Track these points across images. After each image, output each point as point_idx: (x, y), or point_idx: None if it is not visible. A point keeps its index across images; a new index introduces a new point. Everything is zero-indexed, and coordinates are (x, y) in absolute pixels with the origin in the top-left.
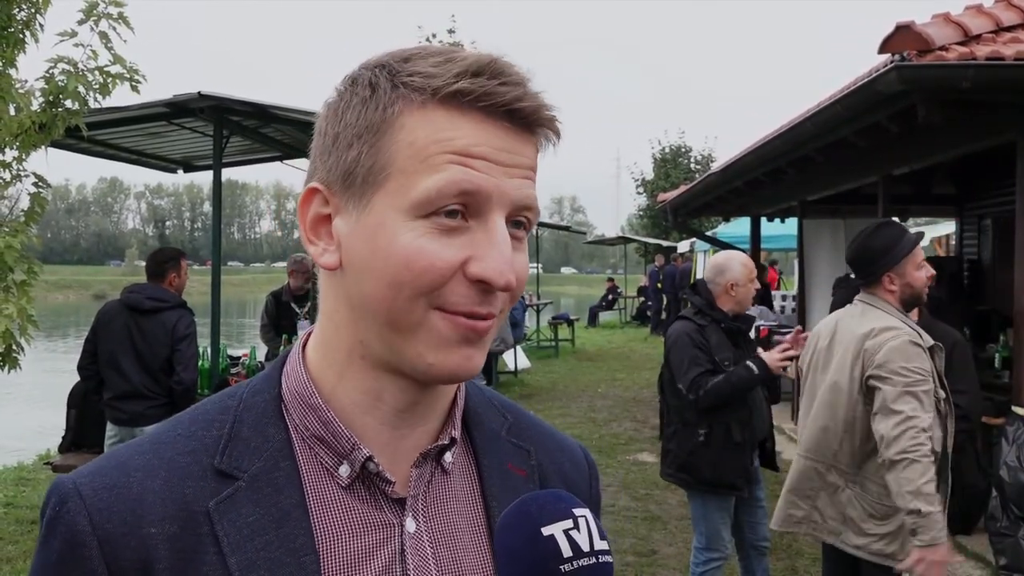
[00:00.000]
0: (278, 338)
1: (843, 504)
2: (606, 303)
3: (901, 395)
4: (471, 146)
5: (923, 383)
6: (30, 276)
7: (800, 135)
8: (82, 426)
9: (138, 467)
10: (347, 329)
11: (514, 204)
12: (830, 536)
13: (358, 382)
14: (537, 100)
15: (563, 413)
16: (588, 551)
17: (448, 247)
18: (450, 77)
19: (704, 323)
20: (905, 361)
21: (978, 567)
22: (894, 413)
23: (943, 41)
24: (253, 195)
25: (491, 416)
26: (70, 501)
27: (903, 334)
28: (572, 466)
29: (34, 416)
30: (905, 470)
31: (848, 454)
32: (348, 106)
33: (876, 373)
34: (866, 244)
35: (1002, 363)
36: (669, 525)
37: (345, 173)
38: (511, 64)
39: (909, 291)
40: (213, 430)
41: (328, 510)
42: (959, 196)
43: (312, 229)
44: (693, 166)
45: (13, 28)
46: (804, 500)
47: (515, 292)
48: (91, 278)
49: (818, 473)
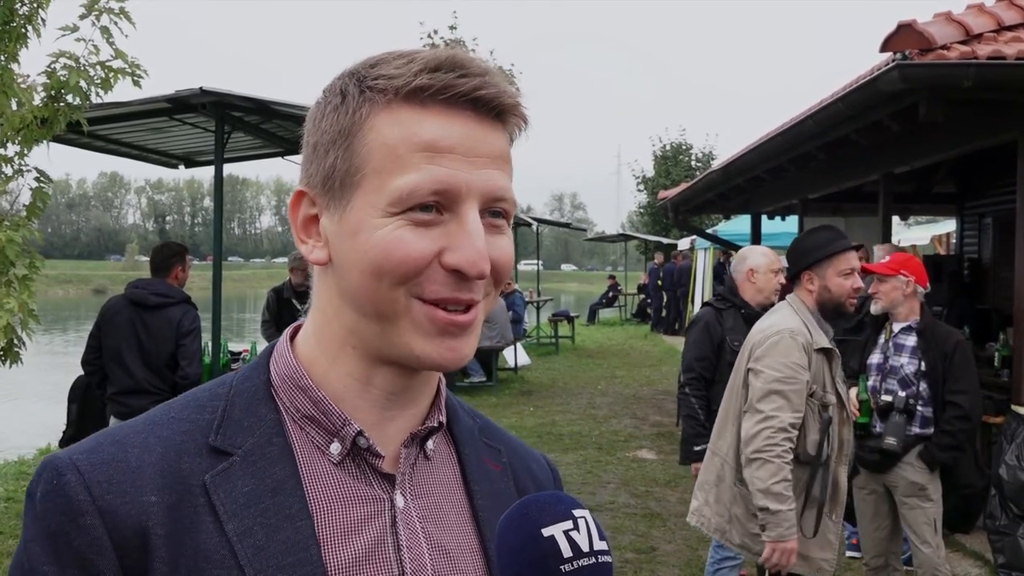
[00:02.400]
0: (279, 334)
1: (730, 501)
2: (606, 300)
3: (767, 393)
4: (438, 139)
5: (793, 381)
6: (31, 271)
7: (802, 133)
8: (83, 421)
9: (135, 443)
10: (338, 320)
11: (485, 195)
12: (715, 533)
13: (350, 368)
14: (498, 88)
15: (563, 410)
16: (588, 551)
17: (423, 238)
18: (410, 75)
19: (724, 307)
20: (782, 356)
21: (976, 565)
22: (756, 412)
23: (944, 40)
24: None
25: (463, 415)
26: (68, 474)
27: (788, 331)
28: (539, 468)
29: (35, 411)
30: (758, 469)
31: (734, 451)
32: (323, 115)
33: (752, 367)
34: (796, 242)
35: (1002, 362)
36: (669, 522)
37: (325, 178)
38: (471, 58)
39: (827, 295)
40: (206, 413)
41: (321, 483)
42: (960, 194)
43: (303, 229)
44: (694, 163)
45: (15, 23)
46: (700, 491)
47: (498, 276)
48: (91, 273)
49: (715, 466)
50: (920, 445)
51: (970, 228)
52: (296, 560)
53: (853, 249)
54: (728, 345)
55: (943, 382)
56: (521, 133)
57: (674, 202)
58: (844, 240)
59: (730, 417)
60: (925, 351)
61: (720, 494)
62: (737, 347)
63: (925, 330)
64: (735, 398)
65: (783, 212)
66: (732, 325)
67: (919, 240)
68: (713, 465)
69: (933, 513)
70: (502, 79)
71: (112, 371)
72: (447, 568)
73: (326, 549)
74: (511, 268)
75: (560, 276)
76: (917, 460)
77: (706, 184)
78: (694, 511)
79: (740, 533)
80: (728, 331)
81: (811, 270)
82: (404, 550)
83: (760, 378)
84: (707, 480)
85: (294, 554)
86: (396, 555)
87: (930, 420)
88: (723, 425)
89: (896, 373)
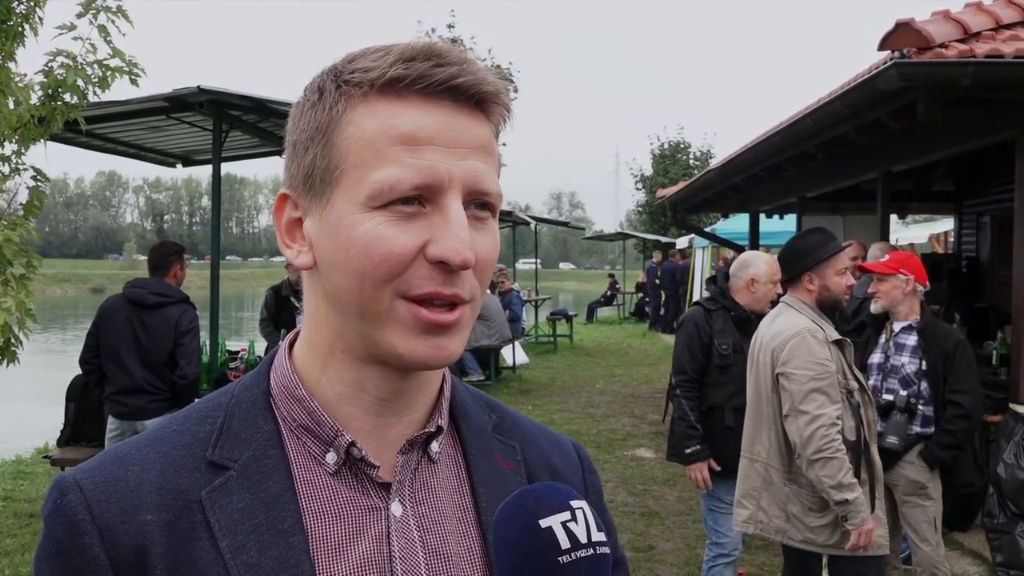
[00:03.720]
0: (277, 332)
1: (784, 501)
2: (605, 299)
3: (806, 394)
4: (416, 130)
5: (827, 376)
6: (29, 270)
7: (800, 131)
8: (81, 419)
9: (135, 461)
10: (327, 325)
11: (468, 186)
12: (777, 535)
13: (341, 374)
14: (476, 75)
15: (561, 408)
16: (586, 542)
17: (406, 232)
18: (385, 66)
19: (714, 308)
20: (808, 355)
21: (975, 563)
22: (801, 414)
23: (943, 38)
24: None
25: (477, 412)
26: (70, 494)
27: (804, 330)
28: (562, 461)
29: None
30: (824, 468)
31: (777, 453)
32: (302, 113)
33: (782, 371)
34: (793, 245)
35: (1000, 360)
36: (667, 521)
37: (305, 176)
38: (449, 48)
39: (827, 294)
40: (206, 425)
41: (316, 495)
42: (958, 193)
43: (287, 233)
44: (692, 162)
45: (12, 21)
46: (748, 500)
47: (482, 272)
48: (89, 272)
49: (758, 472)
50: (921, 444)
51: (968, 226)
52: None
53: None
54: (716, 347)
55: (944, 381)
56: (506, 124)
57: (672, 201)
58: (837, 241)
59: (763, 422)
60: (926, 350)
61: (772, 497)
62: (725, 349)
63: (926, 329)
64: (765, 403)
65: (781, 211)
66: (721, 327)
67: (917, 239)
68: (755, 472)
69: (933, 511)
70: (482, 69)
71: (110, 370)
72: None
73: (319, 564)
74: (495, 263)
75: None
76: (918, 459)
77: (704, 183)
78: (747, 520)
79: (800, 530)
80: (717, 333)
81: (812, 271)
82: (397, 561)
83: (794, 381)
84: (752, 487)
85: (286, 570)
86: (390, 566)
87: (931, 419)
88: (756, 431)
89: (897, 372)
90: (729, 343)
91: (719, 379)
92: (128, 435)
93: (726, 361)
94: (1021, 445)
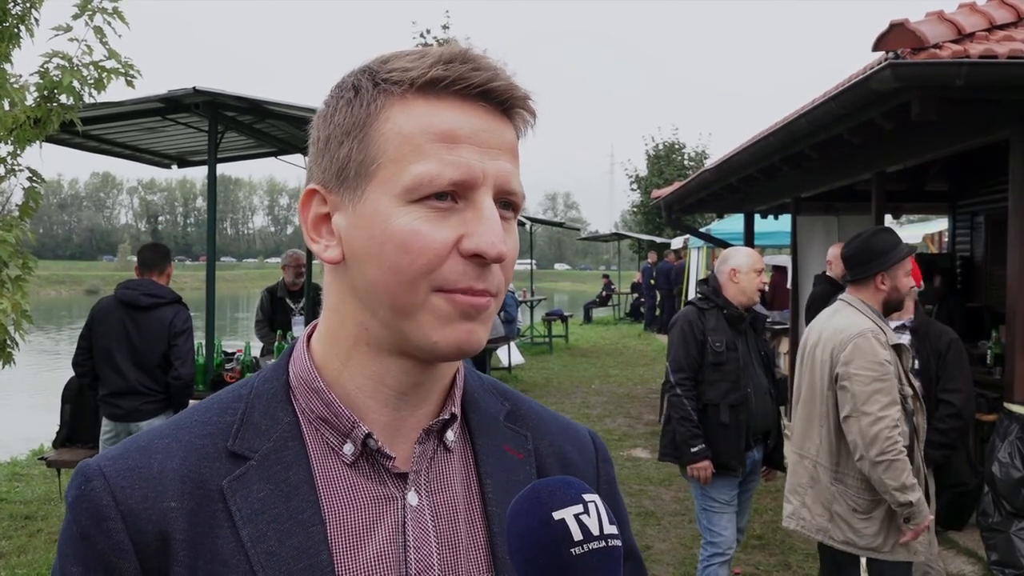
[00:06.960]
0: (273, 333)
1: (829, 500)
2: (600, 299)
3: (870, 395)
4: (455, 129)
5: (888, 377)
6: (25, 271)
7: (794, 132)
8: (76, 421)
9: (158, 449)
10: (352, 319)
11: (499, 185)
12: (818, 533)
13: (363, 367)
14: (509, 81)
15: (557, 409)
16: (598, 535)
17: (441, 228)
18: (425, 67)
19: (706, 307)
20: (871, 356)
21: (970, 562)
22: (864, 415)
23: (937, 39)
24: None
25: (489, 401)
26: (95, 480)
27: (867, 331)
28: (575, 450)
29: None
30: (887, 471)
31: (827, 451)
32: (335, 110)
33: (843, 371)
34: (868, 243)
35: (994, 359)
36: (663, 521)
37: (339, 170)
38: (482, 54)
39: (896, 295)
40: (227, 416)
41: (334, 485)
42: (952, 193)
43: (314, 228)
44: (687, 163)
45: (8, 22)
46: (794, 495)
47: (506, 269)
48: (83, 273)
49: (806, 469)
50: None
51: (962, 226)
52: (307, 565)
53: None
54: (710, 345)
55: (936, 380)
56: (528, 130)
57: (667, 201)
58: (908, 244)
59: (815, 419)
60: (919, 349)
61: (817, 495)
62: (719, 347)
63: (919, 328)
64: (820, 401)
65: (776, 211)
66: (714, 325)
67: (911, 239)
68: (803, 468)
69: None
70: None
71: (103, 372)
72: (454, 564)
73: (337, 554)
74: (515, 263)
75: (553, 275)
76: None
77: (699, 183)
78: (790, 515)
79: (843, 530)
80: (710, 331)
81: (886, 271)
82: (411, 550)
83: (856, 381)
84: (799, 483)
85: (305, 559)
86: (404, 555)
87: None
88: (807, 427)
89: None
90: (723, 341)
91: (713, 377)
92: (123, 437)
93: (720, 359)
94: (1015, 444)
